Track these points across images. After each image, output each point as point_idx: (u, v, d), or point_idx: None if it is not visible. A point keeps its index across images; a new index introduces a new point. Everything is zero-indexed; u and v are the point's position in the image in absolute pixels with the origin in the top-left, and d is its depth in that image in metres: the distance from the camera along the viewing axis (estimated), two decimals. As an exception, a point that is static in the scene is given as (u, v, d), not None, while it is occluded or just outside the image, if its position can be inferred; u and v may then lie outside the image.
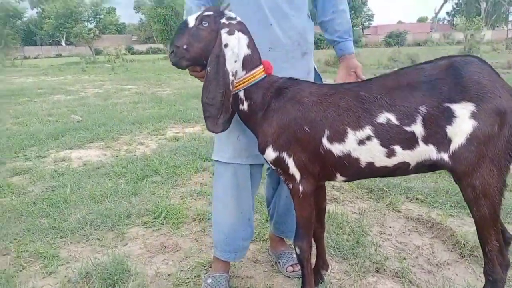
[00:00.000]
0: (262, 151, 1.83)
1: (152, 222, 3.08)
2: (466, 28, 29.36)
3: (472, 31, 27.30)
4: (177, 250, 2.71)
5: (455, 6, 67.62)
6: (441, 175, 3.75)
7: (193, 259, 2.57)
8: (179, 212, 3.19)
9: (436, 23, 64.25)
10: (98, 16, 34.76)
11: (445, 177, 3.68)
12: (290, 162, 1.77)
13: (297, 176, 1.79)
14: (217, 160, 2.19)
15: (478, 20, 32.87)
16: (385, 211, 3.14)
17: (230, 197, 2.16)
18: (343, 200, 3.39)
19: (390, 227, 2.89)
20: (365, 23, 61.38)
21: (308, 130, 1.71)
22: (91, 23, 34.48)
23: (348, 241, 2.66)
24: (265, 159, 1.89)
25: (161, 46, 40.83)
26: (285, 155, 1.77)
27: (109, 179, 4.03)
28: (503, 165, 1.52)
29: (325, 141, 1.69)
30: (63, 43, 52.89)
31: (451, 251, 2.54)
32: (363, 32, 58.05)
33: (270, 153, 1.79)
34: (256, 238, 2.81)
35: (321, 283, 2.21)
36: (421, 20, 72.17)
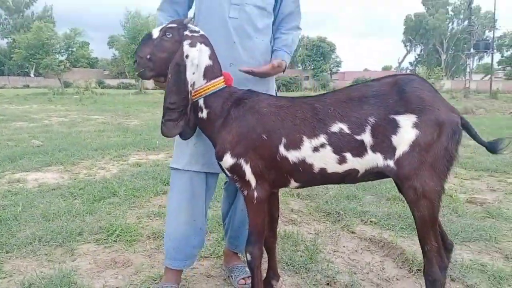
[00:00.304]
0: (220, 158, 1.88)
1: (104, 239, 3.00)
2: (427, 77, 31.05)
3: (433, 80, 28.87)
4: (128, 266, 2.64)
5: (417, 56, 71.52)
6: (395, 201, 3.86)
7: (144, 274, 2.52)
8: (134, 230, 3.13)
9: (399, 72, 67.46)
10: (70, 49, 34.48)
11: (398, 202, 3.80)
12: (247, 168, 1.83)
13: (253, 182, 1.85)
14: (173, 168, 2.22)
15: (438, 70, 34.84)
16: (340, 232, 3.19)
17: (184, 204, 2.18)
18: (300, 222, 3.42)
19: (343, 246, 2.93)
20: (333, 69, 63.70)
21: (266, 138, 1.79)
22: (62, 55, 34.13)
23: (301, 257, 2.67)
24: (221, 166, 1.93)
25: (133, 81, 40.85)
26: (242, 161, 1.82)
27: (64, 200, 3.92)
28: (441, 169, 1.64)
29: (282, 148, 1.78)
30: (32, 74, 52.05)
31: (400, 267, 2.60)
32: (331, 77, 60.18)
33: (228, 160, 1.84)
34: (211, 255, 2.79)
35: (271, 295, 2.20)
36: (386, 68, 75.46)
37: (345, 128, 1.70)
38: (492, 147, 1.75)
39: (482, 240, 2.97)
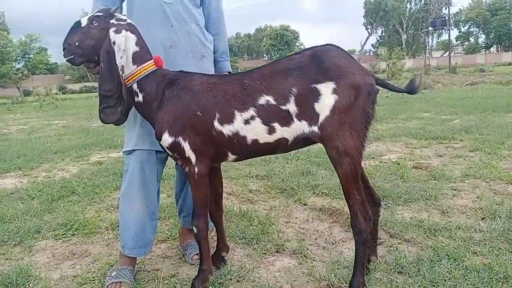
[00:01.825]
0: (159, 138, 1.97)
1: (63, 235, 3.04)
2: (388, 57, 31.72)
3: (394, 60, 29.54)
4: (86, 256, 2.69)
5: (378, 38, 72.88)
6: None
7: (101, 262, 2.58)
8: (92, 223, 3.18)
9: (362, 55, 68.64)
10: (27, 56, 33.54)
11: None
12: (186, 145, 1.93)
13: (193, 158, 1.95)
14: (124, 152, 2.31)
15: (399, 50, 35.64)
16: (293, 205, 3.33)
17: (136, 190, 2.25)
18: (256, 200, 3.55)
19: (295, 218, 3.08)
20: (298, 56, 64.27)
21: (201, 114, 1.90)
22: (19, 63, 33.21)
23: (254, 230, 2.79)
24: (161, 146, 2.02)
25: (95, 84, 39.94)
26: (180, 139, 1.92)
27: (22, 202, 3.90)
28: (360, 129, 1.79)
29: (216, 123, 1.89)
30: (-11, 85, 50.18)
31: (346, 231, 2.76)
32: (296, 64, 60.61)
33: (167, 139, 1.94)
34: (168, 238, 2.88)
35: (223, 265, 2.31)
36: (349, 52, 76.60)
37: (271, 100, 1.82)
38: (411, 89, 1.91)
39: (423, 200, 3.18)
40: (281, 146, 1.91)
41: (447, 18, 38.29)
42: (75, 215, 3.37)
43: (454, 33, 65.87)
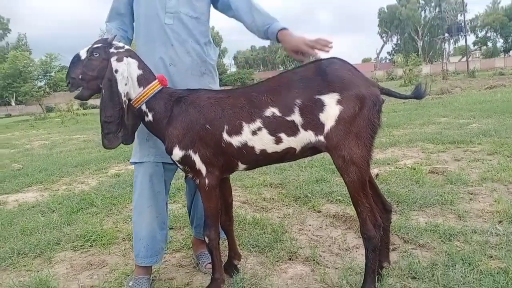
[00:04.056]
0: (170, 153, 2.04)
1: (81, 246, 3.11)
2: (405, 64, 31.48)
3: (411, 66, 29.30)
4: (103, 266, 2.75)
5: (394, 46, 72.40)
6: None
7: (118, 271, 2.63)
8: (109, 234, 3.24)
9: (378, 62, 68.23)
10: (48, 74, 34.36)
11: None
12: (196, 158, 1.99)
13: (203, 170, 2.00)
14: (133, 163, 2.41)
15: (415, 56, 35.31)
16: (306, 212, 3.33)
17: (146, 202, 2.34)
18: (270, 208, 3.56)
19: (309, 225, 3.08)
20: (314, 66, 64.41)
21: (210, 127, 1.96)
22: (41, 81, 34.02)
23: (267, 238, 2.80)
24: (172, 160, 2.08)
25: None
26: (191, 152, 1.98)
27: (42, 215, 4.00)
28: (366, 138, 1.81)
29: (225, 135, 1.94)
30: (13, 103, 51.54)
31: (360, 237, 2.70)
32: (313, 74, 60.71)
33: (177, 153, 2.00)
34: (183, 247, 2.91)
35: (236, 274, 2.33)
36: (365, 60, 76.42)
37: (276, 111, 1.87)
38: (418, 94, 1.93)
39: (439, 205, 3.14)
40: (289, 155, 1.95)
41: (463, 24, 37.81)
42: (93, 227, 3.44)
43: (471, 38, 64.97)
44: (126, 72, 1.99)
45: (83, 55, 2.00)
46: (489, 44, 65.88)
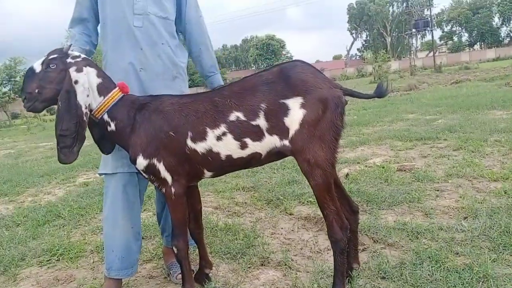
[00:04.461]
0: (134, 162, 1.98)
1: (47, 261, 3.00)
2: (374, 61, 32.05)
3: (379, 63, 29.85)
4: (71, 281, 2.66)
5: (364, 42, 73.65)
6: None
7: (86, 286, 2.55)
8: (77, 247, 3.15)
9: (349, 59, 69.29)
10: (13, 79, 33.32)
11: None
12: (161, 166, 1.94)
13: (169, 179, 1.96)
14: (102, 174, 2.32)
15: (383, 53, 36.04)
16: (279, 216, 3.33)
17: (120, 212, 2.26)
18: (243, 213, 3.54)
19: (281, 228, 3.07)
20: (285, 65, 64.75)
21: (174, 134, 1.91)
22: (5, 87, 32.94)
23: (239, 244, 2.78)
24: (137, 169, 2.03)
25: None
26: (155, 161, 1.93)
27: (7, 229, 3.85)
28: (329, 140, 1.81)
29: (189, 142, 1.90)
30: (-24, 111, 49.81)
31: (331, 238, 2.76)
32: (284, 72, 61.02)
33: (141, 162, 1.95)
34: (153, 257, 2.86)
35: (207, 283, 2.30)
36: (336, 57, 77.47)
37: (241, 116, 1.85)
38: (379, 93, 1.94)
39: (406, 202, 3.20)
40: (254, 161, 1.93)
41: (429, 19, 38.84)
42: (60, 240, 3.34)
43: (438, 33, 66.80)
44: (87, 83, 1.92)
45: (38, 68, 1.91)
46: (455, 38, 67.84)
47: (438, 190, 3.43)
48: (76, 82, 1.90)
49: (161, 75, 2.28)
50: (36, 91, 1.89)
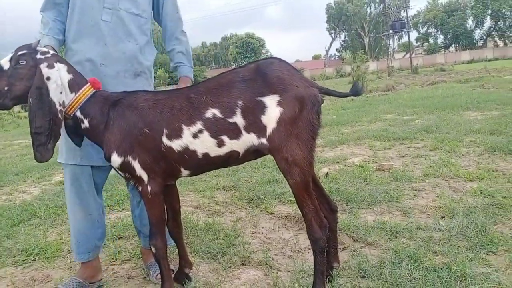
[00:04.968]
0: (108, 159, 1.95)
1: (23, 261, 2.93)
2: (352, 61, 32.40)
3: (358, 63, 30.23)
4: (48, 281, 2.61)
5: (342, 43, 74.39)
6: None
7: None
8: (54, 247, 3.08)
9: (328, 59, 69.89)
10: (-16, 74, 32.41)
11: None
12: (136, 164, 1.91)
13: (145, 177, 1.93)
14: (60, 162, 2.34)
15: (362, 53, 36.52)
16: (259, 215, 3.33)
17: (77, 200, 2.31)
18: (223, 212, 3.53)
19: (262, 227, 3.08)
20: (265, 63, 64.90)
21: (148, 131, 1.88)
22: (-24, 82, 31.96)
23: (220, 244, 2.77)
24: (113, 167, 1.99)
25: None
26: (130, 158, 1.90)
27: (-21, 229, 3.74)
28: (306, 139, 1.82)
29: (165, 139, 1.87)
30: None
31: (312, 237, 2.77)
32: (264, 71, 61.23)
33: (116, 159, 1.91)
34: (132, 257, 2.82)
35: (187, 283, 2.28)
36: (315, 57, 78.00)
37: (217, 113, 1.83)
38: (355, 92, 1.94)
39: (385, 202, 3.25)
40: (232, 159, 1.92)
41: (405, 20, 39.51)
42: (36, 239, 3.26)
43: (414, 34, 67.95)
44: (59, 80, 1.88)
45: (6, 65, 1.85)
46: (431, 40, 69.21)
47: (416, 190, 3.50)
48: (48, 78, 1.85)
49: (123, 72, 2.26)
50: (6, 88, 1.83)
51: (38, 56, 1.88)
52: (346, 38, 72.77)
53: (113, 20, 2.17)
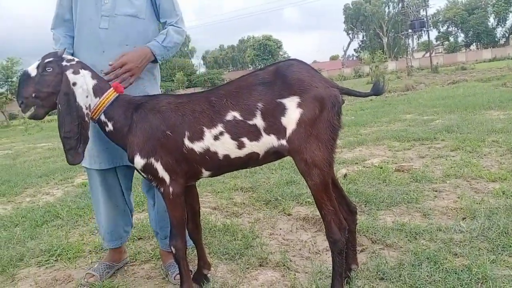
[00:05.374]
0: (132, 161, 2.00)
1: (46, 261, 2.99)
2: (371, 61, 32.08)
3: (376, 63, 29.90)
4: (69, 281, 2.66)
5: (360, 43, 73.74)
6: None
7: (84, 287, 2.55)
8: (75, 247, 3.14)
9: (346, 60, 69.39)
10: (10, 80, 33.26)
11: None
12: (159, 166, 1.95)
13: (167, 178, 1.96)
14: (83, 166, 2.50)
15: (380, 53, 36.12)
16: (277, 216, 3.34)
17: (101, 197, 2.53)
18: (241, 213, 3.54)
19: (280, 229, 3.08)
20: (283, 65, 64.89)
21: (170, 134, 1.92)
22: (2, 87, 32.91)
23: (238, 245, 2.78)
24: (136, 169, 2.04)
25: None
26: (152, 160, 1.94)
27: (5, 230, 3.84)
28: (327, 140, 1.81)
29: (186, 141, 1.91)
30: (-27, 111, 49.62)
31: (330, 239, 2.76)
32: (282, 73, 61.20)
33: (139, 161, 1.95)
34: (152, 258, 2.85)
35: (205, 283, 2.30)
36: (333, 58, 77.53)
37: (238, 115, 1.85)
38: (376, 91, 1.93)
39: (405, 203, 3.21)
40: (252, 160, 1.94)
41: (425, 19, 38.94)
42: (59, 240, 3.33)
43: (434, 33, 66.97)
44: (84, 85, 1.96)
45: (33, 72, 1.92)
46: (451, 39, 68.02)
47: (436, 191, 3.44)
48: (74, 84, 1.93)
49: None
50: (33, 95, 1.91)
51: (64, 63, 1.96)
52: (364, 38, 72.20)
53: (110, 26, 2.24)
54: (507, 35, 63.25)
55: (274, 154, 1.92)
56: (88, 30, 2.23)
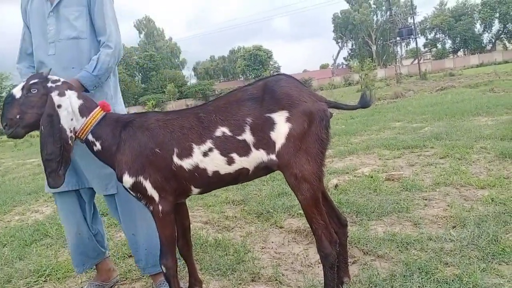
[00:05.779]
0: (120, 180, 1.97)
1: (35, 282, 2.95)
2: (360, 69, 32.36)
3: (366, 71, 30.16)
4: (59, 303, 2.62)
5: (349, 51, 74.42)
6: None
7: (74, 308, 2.51)
8: (65, 267, 3.10)
9: (335, 68, 69.94)
10: (-1, 95, 33.09)
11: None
12: (147, 184, 1.93)
13: (156, 196, 1.95)
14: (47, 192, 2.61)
15: (369, 61, 36.47)
16: (269, 229, 3.32)
17: (66, 221, 2.58)
18: (233, 227, 3.52)
19: (272, 242, 3.07)
20: (274, 75, 65.18)
21: (159, 151, 1.90)
22: (-10, 103, 32.68)
23: (229, 260, 2.76)
24: (124, 187, 2.02)
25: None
26: (141, 178, 1.92)
27: (-7, 250, 3.78)
28: (315, 153, 1.82)
29: (175, 158, 1.89)
30: (-39, 128, 49.14)
31: (322, 251, 2.75)
32: (272, 82, 61.36)
33: (128, 180, 1.94)
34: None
35: (197, 301, 2.27)
36: (323, 67, 78.00)
37: (227, 131, 1.85)
38: (364, 103, 1.95)
39: (395, 212, 3.21)
40: (242, 176, 1.93)
41: (412, 27, 39.49)
42: (48, 260, 3.28)
43: (421, 40, 67.77)
44: (70, 107, 1.94)
45: (18, 93, 1.91)
46: (439, 45, 68.87)
47: (426, 199, 3.46)
48: (59, 106, 1.91)
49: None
50: (17, 116, 1.90)
51: (49, 84, 1.94)
52: (354, 46, 72.85)
53: (56, 52, 2.29)
54: (493, 41, 64.29)
55: (264, 169, 1.92)
56: (40, 58, 2.31)
